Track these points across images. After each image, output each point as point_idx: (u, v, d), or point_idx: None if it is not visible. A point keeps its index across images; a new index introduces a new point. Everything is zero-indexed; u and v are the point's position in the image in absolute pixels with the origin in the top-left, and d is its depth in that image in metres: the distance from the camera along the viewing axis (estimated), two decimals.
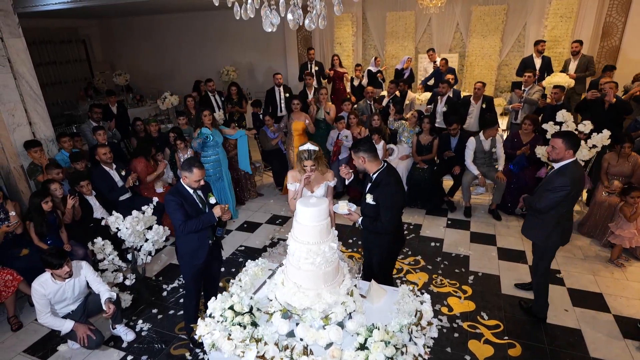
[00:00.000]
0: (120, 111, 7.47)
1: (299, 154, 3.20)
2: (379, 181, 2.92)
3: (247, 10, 1.73)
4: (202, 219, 2.94)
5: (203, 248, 3.06)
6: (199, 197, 3.07)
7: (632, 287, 3.89)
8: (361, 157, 2.92)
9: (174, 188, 3.08)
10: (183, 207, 2.92)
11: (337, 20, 9.72)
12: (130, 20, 11.91)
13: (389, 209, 2.90)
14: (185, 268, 3.13)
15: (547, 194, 3.06)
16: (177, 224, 2.91)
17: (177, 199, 2.92)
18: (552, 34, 7.96)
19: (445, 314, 3.61)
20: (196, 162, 2.99)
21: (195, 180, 2.95)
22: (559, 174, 3.06)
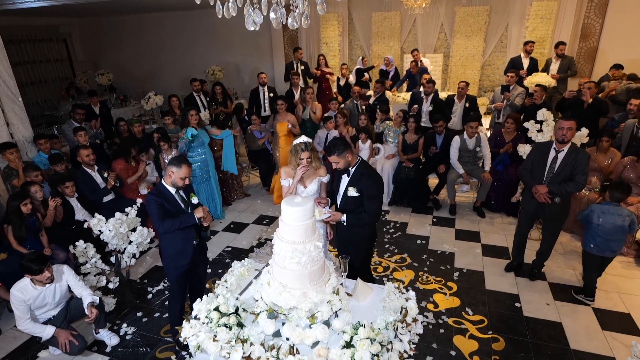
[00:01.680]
0: (103, 111, 7.35)
1: (294, 147, 3.24)
2: (359, 173, 3.02)
3: (229, 8, 1.71)
4: (182, 219, 2.92)
5: (187, 249, 3.04)
6: (181, 197, 3.04)
7: (610, 280, 4.00)
8: (347, 155, 2.97)
9: (155, 188, 3.06)
10: (164, 207, 2.90)
11: (323, 20, 9.75)
12: (113, 18, 11.71)
13: (375, 198, 3.01)
14: (170, 270, 3.10)
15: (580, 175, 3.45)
16: (158, 223, 2.90)
17: (158, 199, 2.90)
18: (533, 34, 8.13)
19: (431, 311, 3.65)
20: (185, 160, 3.01)
21: (182, 177, 2.93)
22: (576, 150, 3.51)
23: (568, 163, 3.50)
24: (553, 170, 3.59)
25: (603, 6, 7.90)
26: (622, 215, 3.48)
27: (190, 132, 5.00)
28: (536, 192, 3.63)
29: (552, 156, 3.60)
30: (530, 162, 3.79)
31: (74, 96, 10.09)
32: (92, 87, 9.55)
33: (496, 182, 5.37)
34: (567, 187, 3.49)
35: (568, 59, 7.10)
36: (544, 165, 3.64)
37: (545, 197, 3.59)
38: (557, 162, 3.57)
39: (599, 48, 8.13)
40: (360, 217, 3.05)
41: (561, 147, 3.53)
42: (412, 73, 8.00)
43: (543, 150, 3.68)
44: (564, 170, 3.52)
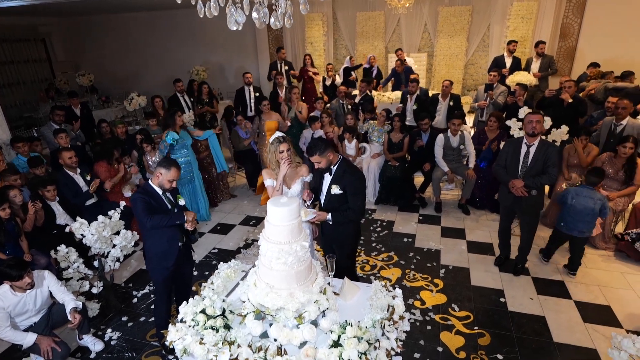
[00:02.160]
0: (85, 113, 7.20)
1: (272, 143, 3.22)
2: (342, 171, 3.04)
3: (210, 8, 1.70)
4: (171, 216, 2.90)
5: (172, 250, 3.01)
6: (168, 198, 3.01)
7: (590, 273, 4.10)
8: (328, 154, 2.99)
9: (142, 188, 3.03)
10: (151, 204, 2.87)
11: (308, 19, 9.75)
12: (94, 18, 11.48)
13: (358, 194, 3.05)
14: (155, 272, 3.06)
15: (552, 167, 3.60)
16: (145, 220, 2.84)
17: (146, 197, 2.88)
18: (514, 34, 8.28)
19: (418, 308, 3.69)
20: (175, 162, 2.99)
21: (169, 179, 2.91)
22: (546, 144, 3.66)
23: (540, 156, 3.64)
24: (527, 164, 3.71)
25: (581, 6, 8.11)
26: (594, 199, 3.79)
27: (171, 136, 4.90)
28: (513, 186, 3.73)
29: (525, 150, 3.72)
30: (504, 159, 3.90)
31: (53, 97, 9.86)
32: (72, 88, 9.33)
33: (480, 179, 5.45)
34: (542, 179, 3.63)
35: (548, 58, 7.26)
36: (517, 160, 3.76)
37: (522, 191, 3.69)
38: (529, 155, 3.70)
39: (578, 47, 8.35)
40: (345, 214, 3.06)
41: (532, 141, 3.67)
42: (397, 72, 8.08)
43: (515, 146, 3.80)
44: (536, 163, 3.65)
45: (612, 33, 7.90)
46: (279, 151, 3.18)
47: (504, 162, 3.89)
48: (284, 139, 3.22)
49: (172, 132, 4.94)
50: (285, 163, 3.16)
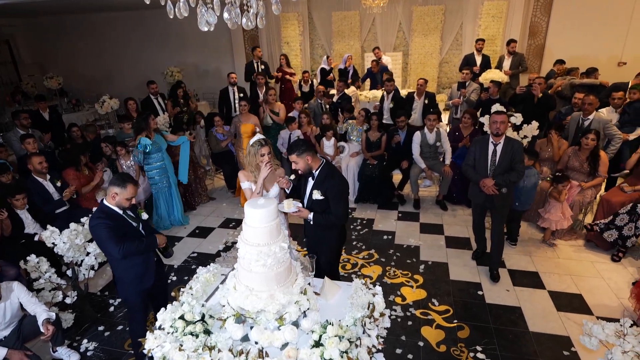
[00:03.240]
0: (54, 117, 6.95)
1: (253, 146, 3.16)
2: (323, 176, 2.96)
3: (180, 8, 1.67)
4: (146, 243, 2.75)
5: (149, 270, 2.86)
6: (130, 216, 2.77)
7: (562, 264, 4.26)
8: (307, 157, 2.91)
9: (98, 211, 2.69)
10: (116, 229, 2.61)
11: (284, 19, 9.71)
12: (61, 18, 11.06)
13: (339, 199, 2.97)
14: (132, 295, 2.87)
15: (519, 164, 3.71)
16: (115, 250, 2.58)
17: (107, 221, 2.59)
18: (485, 33, 8.49)
19: (399, 304, 3.74)
20: (130, 178, 2.71)
21: (127, 197, 2.66)
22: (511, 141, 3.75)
23: (507, 154, 3.72)
24: (495, 163, 3.78)
25: (548, 5, 8.39)
26: (536, 175, 4.34)
27: (144, 142, 4.73)
28: (484, 185, 3.78)
29: (492, 149, 3.79)
30: (472, 158, 3.95)
31: (20, 102, 9.45)
32: (40, 91, 8.99)
33: (456, 175, 5.56)
34: (510, 176, 3.70)
35: (519, 56, 7.48)
36: (485, 158, 3.82)
37: (493, 189, 3.75)
38: (497, 154, 3.77)
39: (546, 45, 8.63)
40: (327, 217, 3.00)
41: (498, 140, 3.74)
42: (373, 72, 8.15)
43: (482, 145, 3.86)
44: (504, 161, 3.73)
45: (578, 31, 8.21)
46: (260, 154, 3.12)
47: (473, 162, 3.95)
48: (265, 142, 3.16)
49: (144, 138, 4.79)
50: (266, 167, 3.08)
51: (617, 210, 4.31)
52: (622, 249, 4.27)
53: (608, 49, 8.12)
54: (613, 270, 4.12)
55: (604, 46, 8.11)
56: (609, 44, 8.10)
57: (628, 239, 4.17)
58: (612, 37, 8.06)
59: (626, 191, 4.48)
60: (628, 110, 5.31)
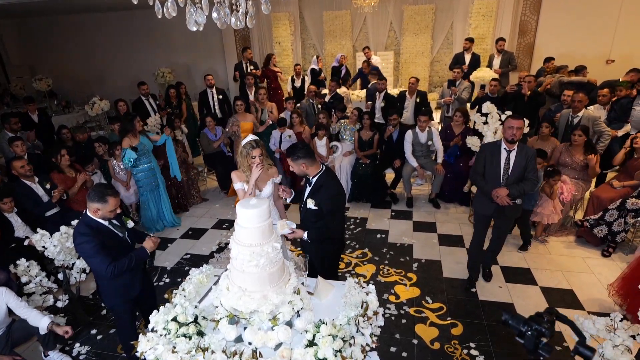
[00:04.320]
0: (43, 119, 6.87)
1: (245, 147, 3.13)
2: (319, 184, 2.86)
3: (168, 8, 1.66)
4: (135, 257, 2.67)
5: (136, 279, 2.83)
6: (115, 225, 2.73)
7: (554, 260, 4.30)
8: (301, 164, 2.82)
9: (82, 225, 2.58)
10: (103, 244, 2.55)
11: (275, 19, 9.68)
12: (50, 19, 10.92)
13: (334, 213, 2.87)
14: (118, 305, 2.84)
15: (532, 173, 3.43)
16: (103, 267, 2.52)
17: (92, 238, 2.50)
18: (475, 31, 8.55)
19: (393, 302, 3.75)
20: (109, 190, 2.62)
21: (110, 210, 2.60)
22: (525, 148, 3.44)
23: (521, 162, 3.41)
24: (508, 172, 3.45)
25: (537, 4, 8.47)
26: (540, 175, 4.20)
27: (129, 156, 4.66)
28: (497, 195, 3.43)
29: (505, 157, 3.45)
30: (481, 165, 3.58)
31: (8, 104, 9.34)
32: (29, 93, 8.87)
33: (448, 173, 5.59)
34: (525, 186, 3.42)
35: (508, 54, 7.55)
36: (497, 167, 3.47)
37: (507, 200, 3.42)
38: (510, 162, 3.44)
39: (536, 43, 8.72)
40: (321, 232, 2.90)
41: (512, 147, 3.41)
42: (364, 72, 8.16)
43: (493, 152, 3.50)
44: (518, 169, 3.42)
45: (567, 29, 8.30)
46: (251, 156, 3.09)
47: (482, 169, 3.57)
48: (257, 144, 3.11)
49: (128, 150, 4.73)
50: (257, 168, 3.06)
51: (606, 206, 4.37)
52: (612, 245, 4.33)
53: (596, 47, 8.22)
54: (603, 266, 4.17)
55: (593, 44, 8.21)
56: (597, 42, 8.20)
57: (618, 234, 4.23)
58: (601, 36, 8.16)
59: (615, 187, 4.54)
60: (615, 107, 5.38)
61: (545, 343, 1.46)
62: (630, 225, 4.20)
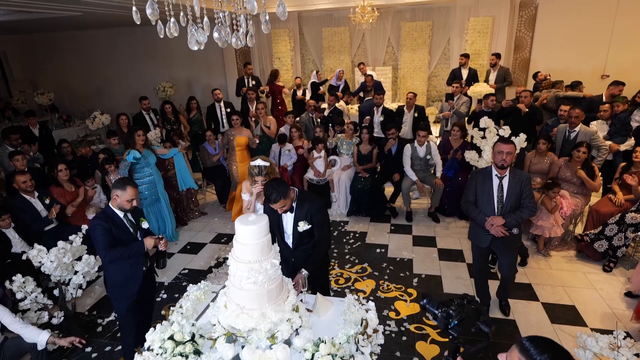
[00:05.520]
0: (44, 133, 6.89)
1: (250, 169, 3.27)
2: (302, 204, 2.82)
3: (170, 28, 1.68)
4: (131, 248, 2.79)
5: (136, 276, 2.89)
6: (130, 221, 2.90)
7: (555, 275, 4.27)
8: (290, 193, 2.73)
9: (102, 212, 2.89)
10: (111, 233, 2.74)
11: (275, 35, 9.83)
12: (52, 35, 11.08)
13: (325, 223, 2.92)
14: (119, 301, 2.91)
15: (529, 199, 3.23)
16: (100, 250, 2.73)
17: (105, 224, 2.74)
18: (472, 47, 8.67)
19: (393, 319, 3.70)
20: (130, 181, 2.88)
21: (128, 199, 2.80)
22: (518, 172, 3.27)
23: (515, 187, 3.22)
24: (502, 199, 3.25)
25: (532, 21, 8.61)
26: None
27: (132, 154, 4.72)
28: (491, 224, 3.24)
29: (497, 184, 3.26)
30: (473, 194, 3.39)
31: (10, 117, 9.39)
32: (30, 107, 8.92)
33: (447, 187, 5.60)
34: (522, 214, 3.21)
35: (504, 70, 7.64)
36: (490, 195, 3.27)
37: (503, 231, 3.21)
38: (504, 189, 3.25)
39: (531, 58, 8.84)
40: (315, 258, 2.88)
41: (503, 173, 3.23)
42: (367, 86, 8.25)
43: (484, 178, 3.31)
44: (512, 196, 3.22)
45: (562, 45, 8.43)
46: (253, 180, 3.23)
47: (474, 198, 3.38)
48: (260, 172, 3.20)
49: (133, 150, 4.78)
50: (256, 189, 3.22)
51: (606, 220, 4.36)
52: (613, 259, 4.31)
53: (591, 63, 8.33)
54: (605, 281, 4.14)
55: (588, 60, 8.32)
56: (592, 57, 8.32)
57: (618, 249, 4.21)
58: (595, 51, 8.28)
59: (614, 201, 4.54)
60: (614, 121, 5.43)
61: (456, 324, 1.72)
62: (631, 239, 4.19)
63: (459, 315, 1.71)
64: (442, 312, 1.73)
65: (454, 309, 1.73)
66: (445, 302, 1.75)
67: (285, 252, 2.95)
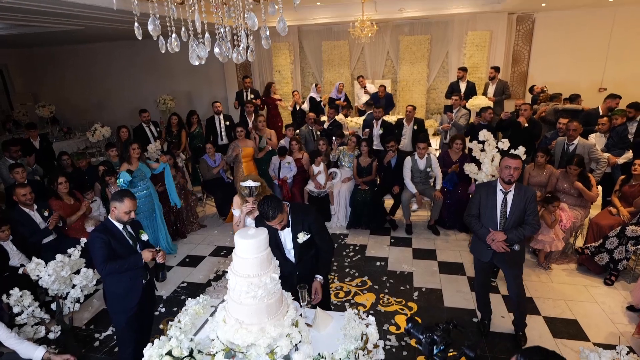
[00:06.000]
0: (44, 145, 6.91)
1: (243, 189, 3.26)
2: (297, 216, 2.84)
3: (172, 43, 1.70)
4: (128, 261, 2.78)
5: (136, 289, 2.86)
6: (129, 233, 2.90)
7: (556, 289, 4.24)
8: (284, 207, 2.74)
9: (101, 225, 2.90)
10: (110, 245, 2.74)
11: (275, 49, 9.95)
12: (54, 49, 11.22)
13: (323, 228, 2.97)
14: (118, 314, 2.89)
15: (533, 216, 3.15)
16: (98, 263, 2.71)
17: (104, 236, 2.74)
18: (470, 61, 8.78)
19: (393, 333, 3.66)
20: (128, 192, 2.89)
21: (126, 211, 2.80)
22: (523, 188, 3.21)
23: (519, 203, 3.17)
24: (505, 215, 3.22)
25: (529, 35, 8.74)
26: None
27: (122, 177, 4.61)
28: (492, 239, 3.21)
29: (501, 199, 3.22)
30: (476, 207, 3.36)
31: (11, 129, 9.44)
32: (31, 119, 8.97)
33: (447, 200, 5.60)
34: (525, 231, 3.17)
35: (502, 83, 7.72)
36: (493, 210, 3.24)
37: (504, 246, 3.18)
38: (507, 204, 3.21)
39: (529, 72, 8.94)
40: (325, 262, 2.97)
41: (508, 188, 3.19)
42: (379, 97, 8.33)
43: (488, 193, 3.28)
44: (516, 212, 3.18)
45: (559, 59, 8.55)
46: (244, 200, 3.26)
47: (477, 211, 3.35)
48: (251, 193, 3.20)
49: (124, 172, 4.73)
50: (246, 209, 3.25)
51: (606, 233, 4.35)
52: (614, 273, 4.28)
53: (589, 76, 8.43)
54: (606, 295, 4.11)
55: (585, 73, 8.42)
56: (589, 71, 8.42)
57: (619, 262, 4.19)
58: (592, 65, 8.39)
59: (613, 214, 4.54)
60: (612, 134, 5.46)
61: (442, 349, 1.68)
62: (631, 252, 4.17)
63: (444, 341, 1.69)
64: (426, 337, 1.73)
65: (438, 334, 1.72)
66: (430, 328, 1.74)
67: (289, 268, 2.94)
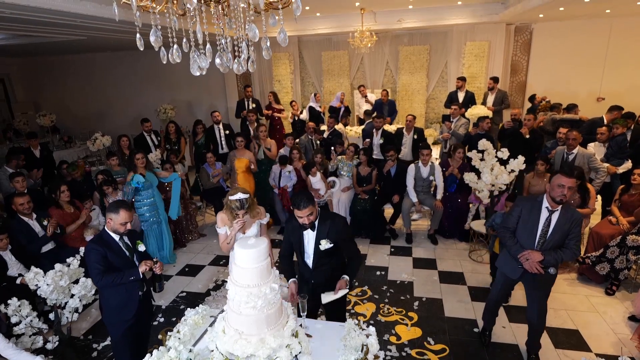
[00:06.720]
0: (44, 154, 6.93)
1: (232, 202, 3.06)
2: (325, 221, 2.81)
3: (173, 54, 1.72)
4: (125, 274, 2.74)
5: (132, 301, 2.84)
6: (126, 244, 2.87)
7: (557, 298, 4.21)
8: (309, 209, 2.70)
9: (97, 236, 2.87)
10: (106, 257, 2.72)
11: (275, 58, 10.03)
12: (55, 58, 11.31)
13: (351, 237, 2.97)
14: (114, 326, 2.86)
15: (575, 241, 2.95)
16: (94, 275, 2.69)
17: (100, 248, 2.71)
18: (469, 70, 8.85)
19: (394, 343, 3.63)
20: (124, 204, 2.84)
21: (121, 223, 2.77)
22: (570, 210, 2.98)
23: (564, 225, 2.95)
24: (546, 235, 2.99)
25: (527, 45, 8.83)
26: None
27: (136, 179, 4.69)
28: (526, 258, 3.00)
29: (545, 217, 2.98)
30: (514, 221, 3.14)
31: (11, 138, 9.47)
32: (32, 128, 9.01)
33: (448, 209, 5.59)
34: (564, 255, 2.94)
35: (502, 93, 7.78)
36: (535, 226, 3.02)
37: (538, 268, 2.96)
38: (550, 224, 2.98)
39: (527, 82, 9.01)
40: (354, 267, 2.94)
41: (556, 207, 2.95)
42: (383, 102, 8.39)
43: (532, 208, 3.05)
44: (558, 233, 2.96)
45: (557, 68, 8.62)
46: (235, 213, 3.07)
47: (514, 226, 3.14)
48: (242, 206, 3.03)
49: (137, 174, 4.77)
50: (237, 224, 3.09)
51: (607, 242, 4.34)
52: (615, 282, 4.26)
53: (587, 86, 8.49)
54: (608, 305, 4.09)
55: (583, 83, 8.49)
56: (587, 80, 8.49)
57: (620, 271, 4.18)
58: (590, 75, 8.46)
59: (613, 223, 4.54)
60: (611, 144, 5.48)
61: None
62: (632, 262, 4.16)
63: None
64: None
65: None
66: None
67: (306, 272, 2.97)
